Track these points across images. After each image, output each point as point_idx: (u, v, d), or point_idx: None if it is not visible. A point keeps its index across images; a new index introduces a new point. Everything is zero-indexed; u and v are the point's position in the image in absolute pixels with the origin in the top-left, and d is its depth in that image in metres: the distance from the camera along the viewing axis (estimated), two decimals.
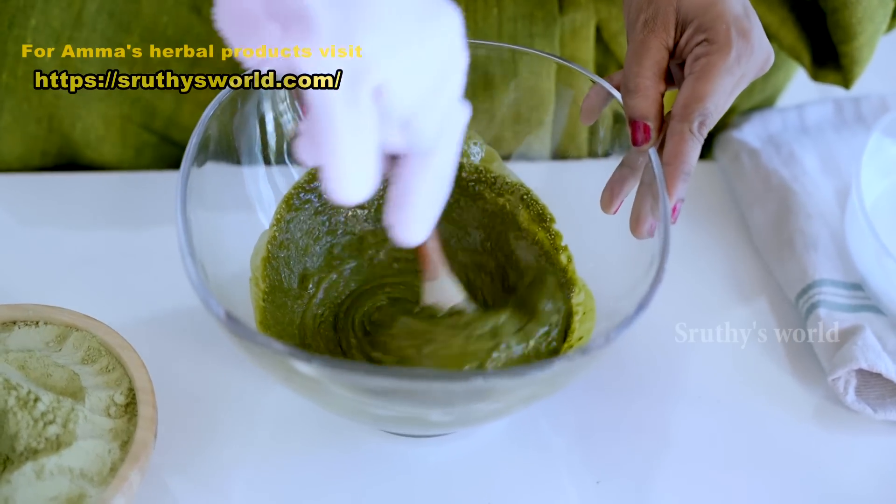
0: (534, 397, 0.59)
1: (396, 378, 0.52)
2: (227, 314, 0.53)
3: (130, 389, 0.62)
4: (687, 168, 0.60)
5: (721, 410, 0.70)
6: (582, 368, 0.57)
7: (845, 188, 0.82)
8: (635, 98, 0.61)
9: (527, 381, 0.54)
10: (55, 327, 0.65)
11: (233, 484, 0.64)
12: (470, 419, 0.61)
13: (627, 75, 0.61)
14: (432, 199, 0.57)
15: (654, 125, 0.61)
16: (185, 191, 0.58)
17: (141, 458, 0.58)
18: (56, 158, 0.82)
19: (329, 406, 0.60)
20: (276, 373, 0.57)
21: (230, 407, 0.67)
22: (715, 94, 0.59)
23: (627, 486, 0.66)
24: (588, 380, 0.70)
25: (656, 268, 0.57)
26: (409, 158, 0.55)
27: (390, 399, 0.55)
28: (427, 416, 0.58)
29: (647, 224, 0.62)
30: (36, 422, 0.58)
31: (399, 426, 0.64)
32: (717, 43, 0.60)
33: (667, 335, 0.73)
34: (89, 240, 0.77)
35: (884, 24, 0.79)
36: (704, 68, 0.59)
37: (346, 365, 0.54)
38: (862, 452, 0.69)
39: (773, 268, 0.78)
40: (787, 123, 0.88)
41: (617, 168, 0.65)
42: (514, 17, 0.78)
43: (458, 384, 0.53)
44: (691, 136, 0.59)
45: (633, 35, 0.62)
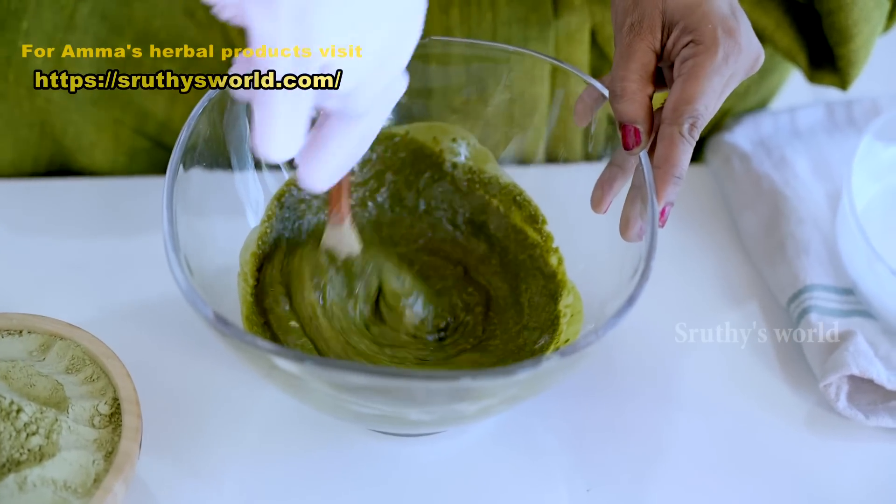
0: (516, 399, 0.59)
1: (373, 375, 0.52)
2: (215, 315, 0.53)
3: (115, 399, 0.62)
4: (677, 171, 0.59)
5: (712, 417, 0.70)
6: (563, 370, 0.56)
7: (836, 192, 0.81)
8: (623, 102, 0.61)
9: (506, 382, 0.54)
10: (39, 336, 0.65)
11: (220, 493, 0.64)
12: (452, 419, 0.61)
13: (614, 79, 0.61)
14: (348, 155, 0.58)
15: (643, 128, 0.61)
16: (172, 185, 0.58)
17: (125, 468, 0.58)
18: (48, 164, 0.82)
19: (312, 403, 0.60)
20: (257, 369, 0.56)
21: (216, 416, 0.67)
22: (704, 95, 0.59)
23: (618, 491, 0.65)
24: (580, 385, 0.70)
25: (641, 270, 0.57)
26: (337, 117, 0.56)
27: (369, 397, 0.55)
28: (406, 415, 0.58)
29: (637, 227, 0.61)
30: (18, 433, 0.58)
31: (382, 424, 0.64)
32: (704, 43, 0.59)
33: (658, 340, 0.73)
34: (76, 247, 0.76)
35: (880, 25, 0.79)
36: (692, 70, 0.59)
37: (321, 361, 0.53)
38: (854, 459, 0.68)
39: (765, 272, 0.77)
40: (778, 127, 0.87)
41: (606, 167, 0.65)
42: (509, 21, 0.78)
43: (434, 383, 0.53)
44: (682, 139, 0.59)
45: (619, 39, 0.62)
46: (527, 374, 0.53)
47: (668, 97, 0.60)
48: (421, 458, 0.66)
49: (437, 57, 0.72)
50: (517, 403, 0.61)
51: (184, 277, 0.55)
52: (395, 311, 0.69)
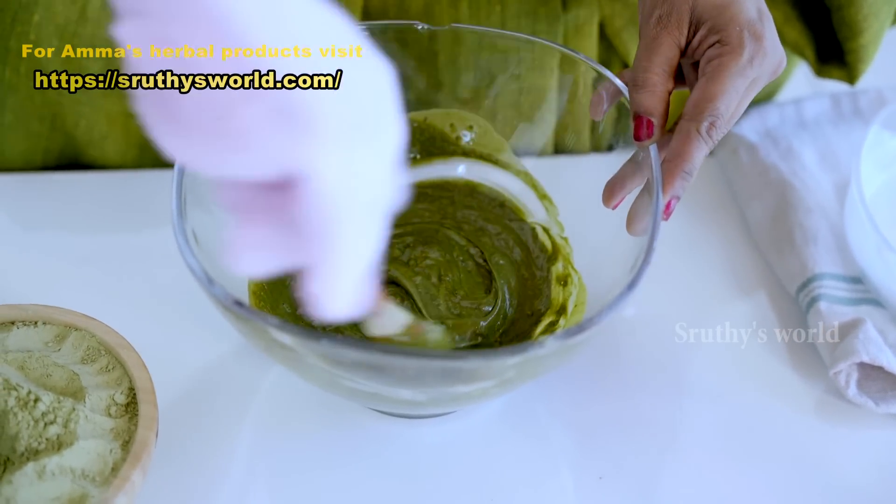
0: (513, 382, 0.58)
1: (363, 351, 0.52)
2: (208, 278, 0.53)
3: (131, 389, 0.62)
4: (688, 167, 0.60)
5: (722, 406, 0.70)
6: (558, 355, 0.56)
7: (843, 182, 0.82)
8: (642, 93, 0.61)
9: (500, 365, 0.54)
10: (54, 327, 0.65)
11: (236, 479, 0.64)
12: (447, 400, 0.61)
13: (637, 69, 0.62)
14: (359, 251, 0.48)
15: (657, 122, 0.61)
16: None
17: (142, 457, 0.58)
18: (59, 157, 0.82)
19: (311, 379, 0.61)
20: (258, 343, 0.57)
21: (231, 404, 0.67)
22: (726, 95, 0.59)
23: (630, 479, 0.66)
24: (588, 374, 0.70)
25: (643, 257, 0.57)
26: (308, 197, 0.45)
27: (361, 373, 0.55)
28: (398, 395, 0.58)
29: (643, 222, 0.62)
30: (36, 422, 0.58)
31: (380, 403, 0.64)
32: (731, 45, 0.60)
33: (666, 332, 0.73)
34: (89, 239, 0.76)
35: (889, 19, 0.79)
36: (717, 69, 0.60)
37: (314, 335, 0.53)
38: (864, 446, 0.69)
39: (773, 262, 0.78)
40: (784, 118, 0.88)
41: (623, 164, 0.65)
42: (518, 14, 0.78)
43: (424, 362, 0.53)
44: (697, 136, 0.59)
45: (646, 30, 0.62)
46: (518, 359, 0.53)
47: (690, 95, 0.61)
48: (427, 440, 0.66)
49: (447, 47, 0.72)
50: (516, 387, 0.61)
51: (188, 248, 0.55)
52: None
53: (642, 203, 0.62)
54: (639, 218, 0.62)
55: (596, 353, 0.71)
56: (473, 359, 0.54)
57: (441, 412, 0.67)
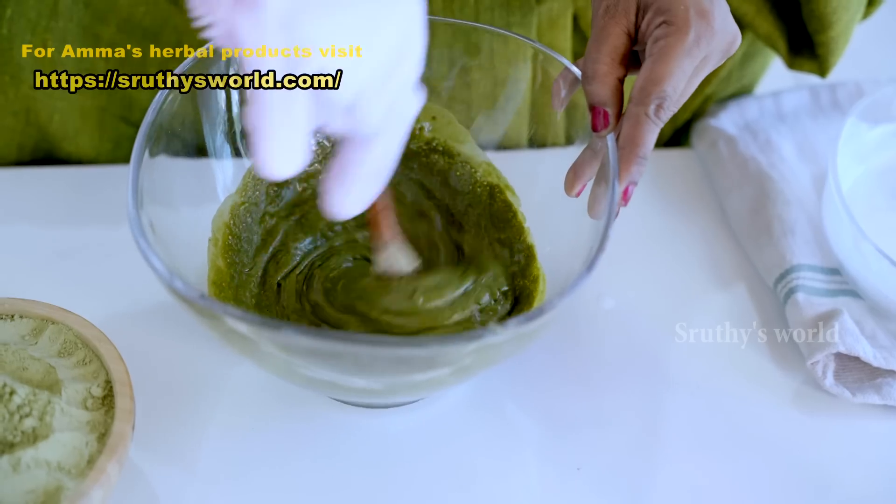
0: (470, 369, 0.58)
1: (313, 338, 0.52)
2: (167, 270, 0.54)
3: (107, 381, 0.62)
4: (641, 151, 0.59)
5: (701, 397, 0.70)
6: (512, 342, 0.55)
7: (822, 174, 0.82)
8: (593, 84, 0.61)
9: (452, 352, 0.54)
10: (31, 320, 0.65)
11: (213, 472, 0.64)
12: (403, 388, 0.61)
13: (586, 62, 0.62)
14: (371, 179, 0.56)
15: (612, 111, 0.61)
16: (141, 149, 0.60)
17: (119, 449, 0.58)
18: (33, 152, 0.82)
19: (269, 368, 0.61)
20: (214, 333, 0.57)
21: (207, 397, 0.67)
22: (673, 77, 0.58)
23: (608, 470, 0.66)
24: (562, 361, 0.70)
25: (599, 240, 0.57)
26: (350, 140, 0.54)
27: (314, 361, 0.55)
28: (353, 383, 0.58)
29: (603, 205, 0.61)
30: (12, 415, 0.58)
31: (339, 393, 0.64)
32: (676, 24, 0.59)
33: (644, 322, 0.74)
34: (66, 233, 0.76)
35: (859, 13, 0.79)
36: (662, 50, 0.59)
37: (268, 323, 0.53)
38: (841, 435, 0.69)
39: (752, 254, 0.78)
40: (763, 110, 0.88)
41: (582, 151, 0.65)
42: (492, 5, 0.78)
43: (374, 349, 0.52)
44: (647, 120, 0.59)
45: (595, 22, 0.62)
46: (474, 346, 0.53)
47: (637, 78, 0.60)
48: (391, 429, 0.66)
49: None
50: (473, 374, 0.61)
51: (142, 235, 0.55)
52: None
53: (601, 188, 0.62)
54: (598, 202, 0.62)
55: (572, 344, 0.71)
56: (427, 345, 0.53)
57: (404, 401, 0.67)
